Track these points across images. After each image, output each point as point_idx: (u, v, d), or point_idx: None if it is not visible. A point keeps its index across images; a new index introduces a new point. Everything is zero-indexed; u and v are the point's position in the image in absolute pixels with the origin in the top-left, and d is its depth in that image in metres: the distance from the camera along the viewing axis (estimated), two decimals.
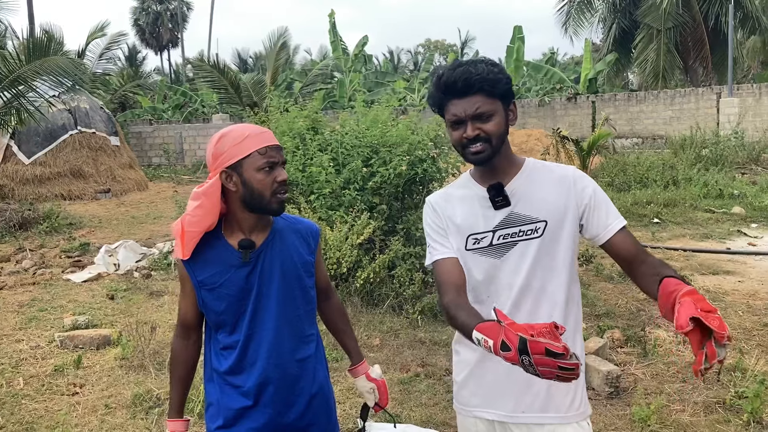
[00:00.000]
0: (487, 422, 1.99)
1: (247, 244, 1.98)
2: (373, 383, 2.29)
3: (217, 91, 19.86)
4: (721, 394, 4.13)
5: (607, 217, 1.89)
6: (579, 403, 1.92)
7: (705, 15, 25.28)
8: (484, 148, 1.86)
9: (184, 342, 2.12)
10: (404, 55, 59.11)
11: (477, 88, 1.83)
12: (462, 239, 1.96)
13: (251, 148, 1.92)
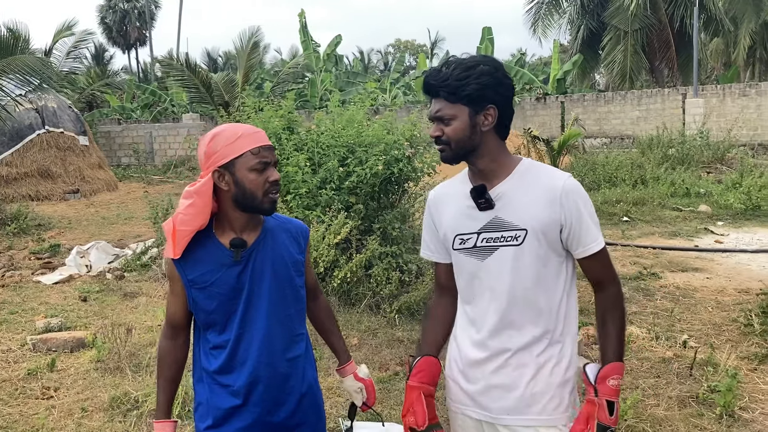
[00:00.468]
0: (475, 421, 2.02)
1: (238, 243, 1.99)
2: (361, 383, 2.31)
3: (188, 90, 19.68)
4: (694, 389, 4.23)
5: (587, 237, 1.89)
6: (566, 406, 1.94)
7: (671, 17, 25.76)
8: (444, 149, 1.93)
9: (172, 342, 2.11)
10: (374, 56, 59.21)
11: (435, 92, 1.89)
12: (450, 238, 2.01)
13: (244, 147, 1.93)
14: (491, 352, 1.95)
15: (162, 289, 7.04)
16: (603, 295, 1.97)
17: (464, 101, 1.87)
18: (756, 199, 11.22)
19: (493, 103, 1.88)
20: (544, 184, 1.89)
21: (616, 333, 1.94)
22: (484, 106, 1.88)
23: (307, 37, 30.69)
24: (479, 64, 1.88)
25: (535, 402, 1.92)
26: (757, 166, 13.68)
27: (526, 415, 1.92)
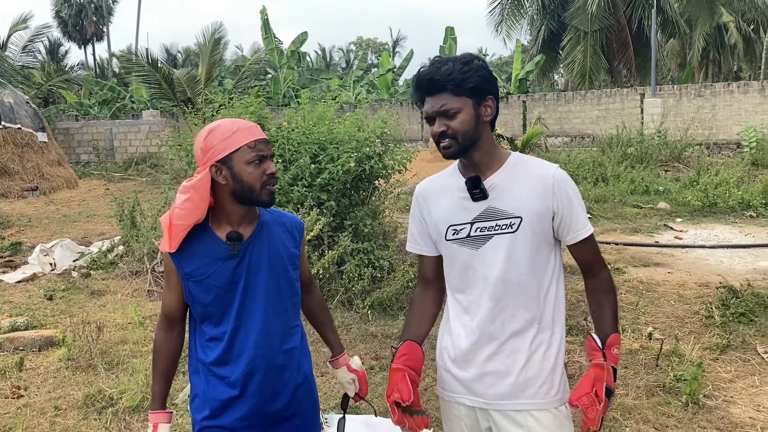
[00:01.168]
0: (468, 408, 2.08)
1: (235, 237, 2.01)
2: (354, 374, 2.35)
3: (150, 86, 19.38)
4: (661, 379, 4.38)
5: (577, 224, 1.98)
6: (557, 390, 2.01)
7: (629, 18, 26.31)
8: (450, 144, 1.96)
9: (168, 334, 2.13)
10: (336, 53, 59.14)
11: (441, 86, 1.94)
12: (443, 229, 2.06)
13: (241, 141, 1.96)
14: (485, 339, 2.01)
15: (130, 287, 6.97)
16: (595, 280, 2.06)
17: (468, 93, 1.93)
18: (713, 196, 11.55)
19: (491, 95, 1.98)
20: (535, 174, 1.98)
21: (612, 310, 2.03)
22: (485, 98, 1.96)
23: (270, 34, 30.52)
24: (473, 59, 1.96)
25: (529, 387, 1.99)
26: (713, 164, 14.07)
27: (519, 399, 1.99)
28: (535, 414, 1.99)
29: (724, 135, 21.09)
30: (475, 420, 2.08)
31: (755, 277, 6.93)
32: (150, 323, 5.70)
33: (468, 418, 2.09)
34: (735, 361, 4.72)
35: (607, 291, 2.05)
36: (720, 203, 11.45)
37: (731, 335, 5.11)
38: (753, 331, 5.20)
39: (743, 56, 38.40)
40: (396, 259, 6.34)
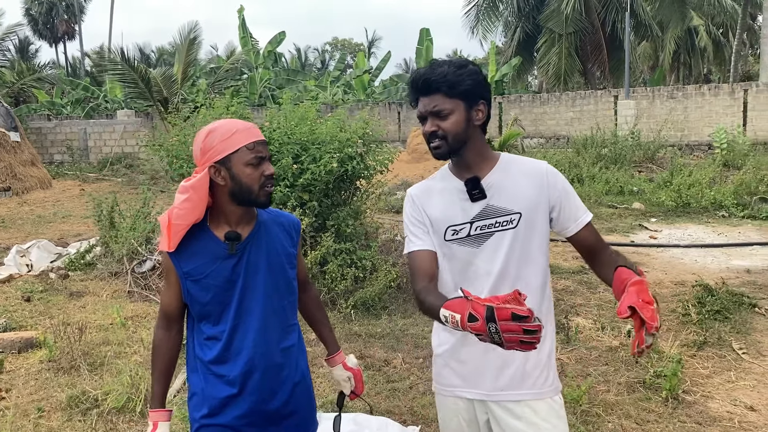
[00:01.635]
0: (467, 401, 2.12)
1: (233, 236, 2.03)
2: (350, 372, 2.38)
3: (126, 85, 19.15)
4: (641, 375, 4.47)
5: (577, 211, 2.06)
6: (552, 380, 2.08)
7: (603, 21, 26.66)
8: (441, 144, 2.01)
9: (166, 333, 2.15)
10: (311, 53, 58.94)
11: (435, 87, 1.99)
12: (441, 230, 2.10)
13: (240, 143, 1.98)
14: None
15: (109, 287, 6.91)
16: (606, 253, 2.06)
17: (461, 96, 1.98)
18: (686, 196, 11.77)
19: (483, 99, 2.02)
20: (528, 171, 2.05)
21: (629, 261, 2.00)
22: (477, 102, 2.01)
23: (246, 33, 30.39)
24: (468, 64, 2.01)
25: (527, 377, 2.05)
26: (686, 165, 14.32)
27: (518, 390, 2.05)
28: (532, 404, 2.04)
29: (696, 136, 21.46)
30: (473, 413, 2.12)
31: (729, 275, 7.09)
32: (132, 324, 5.67)
33: (466, 411, 2.13)
34: (712, 358, 4.83)
35: (618, 255, 2.05)
36: (693, 203, 11.66)
37: (708, 332, 5.22)
38: (728, 328, 5.33)
39: (713, 59, 39.14)
40: (378, 260, 6.37)
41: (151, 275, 6.96)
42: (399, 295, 6.31)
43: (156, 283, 6.75)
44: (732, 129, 18.19)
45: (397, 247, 7.35)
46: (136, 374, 4.27)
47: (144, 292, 6.67)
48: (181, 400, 4.20)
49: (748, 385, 4.43)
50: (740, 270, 7.47)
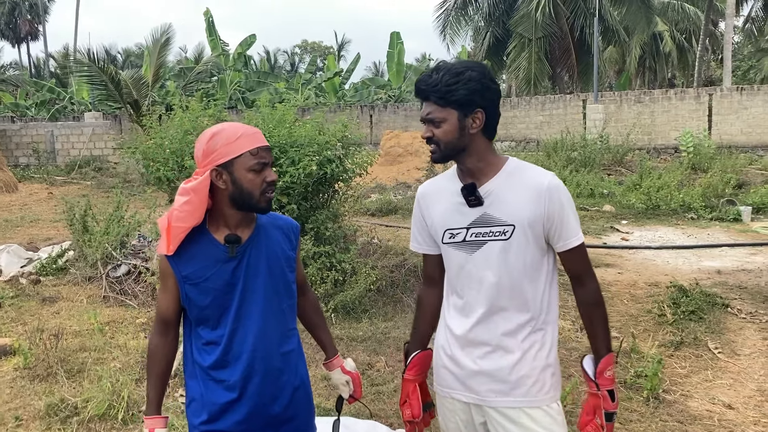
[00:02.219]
0: (463, 404, 2.15)
1: (233, 239, 2.02)
2: (348, 376, 2.37)
3: (96, 87, 18.82)
4: (621, 375, 4.53)
5: (568, 233, 2.03)
6: (548, 388, 2.08)
7: (571, 26, 27.02)
8: (434, 149, 2.06)
9: (163, 339, 2.12)
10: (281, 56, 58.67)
11: (426, 95, 2.02)
12: (440, 233, 2.12)
13: (243, 148, 1.96)
14: (480, 338, 2.08)
15: (84, 292, 6.79)
16: (583, 290, 2.11)
17: (453, 105, 1.99)
18: (655, 199, 11.97)
19: (480, 107, 2.00)
20: (529, 183, 2.02)
21: (603, 327, 2.10)
22: (473, 110, 2.00)
23: (216, 35, 30.15)
24: (467, 70, 1.99)
25: (521, 385, 2.05)
26: (655, 168, 14.57)
27: (512, 397, 2.06)
28: (527, 411, 2.05)
29: (663, 140, 21.86)
30: (469, 415, 2.15)
31: (700, 276, 7.23)
32: (110, 330, 5.58)
33: (463, 413, 2.16)
34: (689, 357, 4.92)
35: (596, 304, 2.10)
36: (662, 206, 11.87)
37: (683, 332, 5.32)
38: (703, 328, 5.43)
39: (677, 64, 39.95)
40: (358, 262, 6.36)
41: (126, 280, 6.85)
42: (379, 298, 6.30)
43: (132, 288, 6.65)
44: (698, 133, 18.56)
45: (376, 251, 7.36)
46: (117, 381, 4.20)
47: (120, 297, 6.56)
48: (164, 407, 4.13)
49: (725, 383, 4.52)
50: (711, 271, 7.62)
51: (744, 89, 21.74)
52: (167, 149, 6.48)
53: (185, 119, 6.69)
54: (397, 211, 12.08)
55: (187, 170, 6.36)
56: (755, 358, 4.96)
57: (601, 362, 2.06)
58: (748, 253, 8.71)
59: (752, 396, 4.32)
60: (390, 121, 25.23)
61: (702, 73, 33.35)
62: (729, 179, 12.87)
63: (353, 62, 32.82)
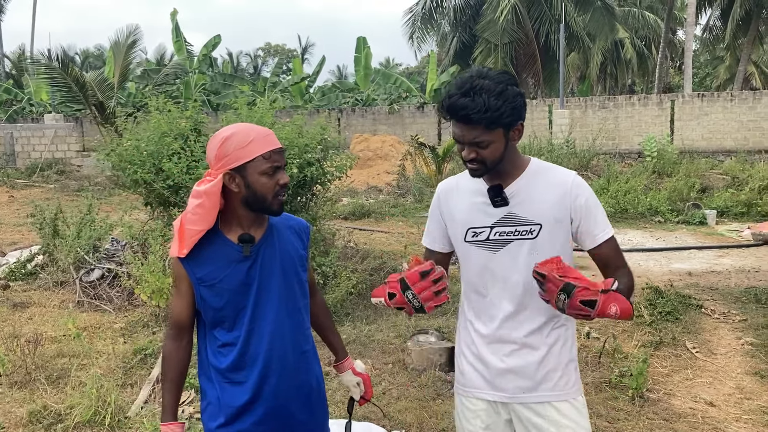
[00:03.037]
0: (488, 403, 2.15)
1: (247, 239, 2.01)
2: (359, 377, 2.37)
3: (59, 89, 18.40)
4: (606, 375, 4.61)
5: (596, 228, 2.05)
6: (573, 382, 2.13)
7: (537, 32, 27.37)
8: (479, 167, 2.02)
9: (177, 343, 2.08)
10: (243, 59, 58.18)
11: (468, 120, 1.94)
12: (462, 231, 2.12)
13: (256, 152, 1.94)
14: (505, 337, 2.10)
15: (56, 298, 6.64)
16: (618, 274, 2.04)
17: (502, 126, 1.96)
18: (623, 203, 12.20)
19: (521, 119, 2.01)
20: (554, 182, 2.05)
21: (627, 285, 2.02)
22: (516, 124, 2.00)
23: (181, 37, 29.74)
24: (506, 87, 1.94)
25: (548, 379, 2.08)
26: (622, 173, 14.84)
27: (540, 392, 2.09)
28: (555, 405, 2.09)
29: (627, 145, 22.29)
30: (493, 414, 2.15)
31: (672, 278, 7.38)
32: (87, 335, 5.46)
33: (486, 413, 2.16)
34: (669, 357, 5.02)
35: (629, 276, 2.06)
36: (630, 209, 12.10)
37: (662, 333, 5.43)
38: (680, 329, 5.55)
39: (637, 71, 40.77)
40: (338, 266, 6.35)
41: (100, 284, 6.72)
42: (360, 302, 6.30)
43: (107, 293, 6.53)
44: (661, 138, 18.96)
45: (354, 254, 7.36)
46: (101, 387, 4.11)
47: (94, 301, 6.43)
48: (150, 412, 4.08)
49: (705, 381, 4.63)
50: (682, 273, 7.80)
51: (704, 96, 22.31)
52: (144, 151, 6.37)
53: (162, 121, 6.59)
54: (370, 214, 12.09)
55: (164, 173, 6.27)
56: (731, 356, 5.09)
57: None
58: (716, 255, 8.93)
59: (732, 393, 4.43)
60: (358, 124, 25.22)
61: (661, 79, 34.11)
62: (693, 183, 13.18)
63: (319, 65, 32.72)
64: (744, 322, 5.80)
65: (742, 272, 7.81)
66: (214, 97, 28.67)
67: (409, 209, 13.02)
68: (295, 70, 32.81)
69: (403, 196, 14.76)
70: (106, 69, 25.80)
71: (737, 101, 21.74)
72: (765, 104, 21.50)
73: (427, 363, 4.78)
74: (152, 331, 5.54)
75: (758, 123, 21.47)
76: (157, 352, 4.96)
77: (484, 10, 27.83)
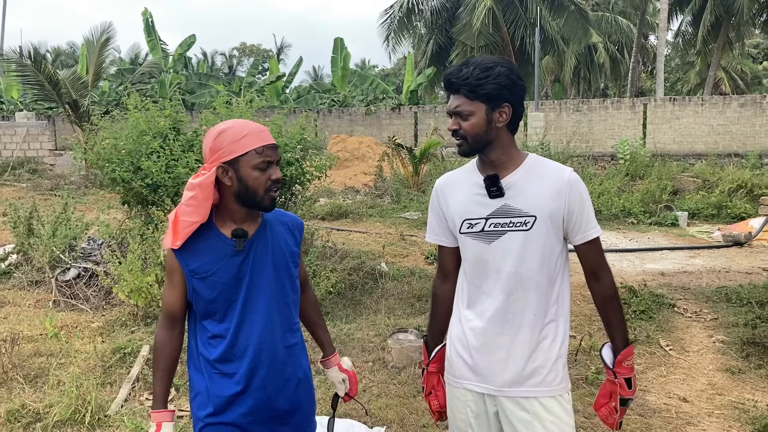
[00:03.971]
0: (476, 394, 2.19)
1: (240, 234, 2.04)
2: (345, 374, 2.40)
3: (31, 86, 18.09)
4: (582, 372, 4.69)
5: (587, 225, 2.11)
6: (561, 379, 2.15)
7: (512, 36, 27.62)
8: (461, 143, 2.10)
9: (169, 333, 2.11)
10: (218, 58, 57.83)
11: (456, 88, 2.07)
12: (458, 222, 2.17)
13: (249, 146, 1.98)
14: (495, 329, 2.13)
15: (31, 297, 6.57)
16: (600, 284, 2.19)
17: (482, 99, 2.04)
18: (597, 204, 12.37)
19: (507, 102, 2.07)
20: (551, 176, 2.10)
21: (619, 320, 2.20)
22: (500, 104, 2.06)
23: (155, 36, 29.49)
24: (497, 65, 2.05)
25: (536, 374, 2.11)
26: (596, 175, 15.04)
27: (527, 387, 2.12)
28: (542, 401, 2.12)
29: (600, 148, 22.58)
30: (482, 405, 2.19)
31: (645, 278, 7.52)
32: (64, 334, 5.41)
33: (474, 404, 2.20)
34: (643, 354, 5.13)
35: (612, 297, 2.19)
36: (604, 211, 12.28)
37: (636, 331, 5.54)
38: (654, 327, 5.67)
39: (610, 75, 41.35)
40: (317, 266, 6.37)
41: (77, 283, 6.66)
42: (339, 301, 6.33)
43: (84, 292, 6.47)
44: (633, 141, 19.26)
45: (333, 254, 7.38)
46: (81, 385, 4.09)
47: (71, 301, 6.37)
48: (130, 411, 4.07)
49: (678, 378, 4.74)
50: (655, 273, 7.94)
51: (676, 100, 22.69)
52: (122, 150, 6.34)
53: (141, 120, 6.56)
54: (348, 215, 12.11)
55: (143, 171, 6.25)
56: (703, 354, 5.21)
57: (621, 354, 2.16)
58: (688, 256, 9.11)
59: (704, 390, 4.54)
60: (335, 125, 25.21)
61: (634, 83, 34.62)
62: (665, 186, 13.42)
63: (296, 66, 32.63)
64: (715, 321, 5.94)
65: (713, 272, 7.98)
66: (189, 97, 28.49)
67: (387, 210, 13.08)
68: (272, 70, 32.69)
69: (380, 197, 14.81)
70: (79, 67, 25.48)
71: (708, 106, 22.16)
72: (734, 109, 21.95)
73: (407, 361, 4.82)
74: (131, 330, 5.51)
75: (728, 127, 21.91)
76: (136, 350, 4.95)
77: (460, 13, 28.00)
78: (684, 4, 31.36)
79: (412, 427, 3.95)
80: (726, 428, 3.96)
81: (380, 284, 6.79)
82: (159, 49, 29.06)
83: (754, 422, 3.95)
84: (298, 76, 33.03)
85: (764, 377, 4.68)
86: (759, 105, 21.83)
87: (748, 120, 21.81)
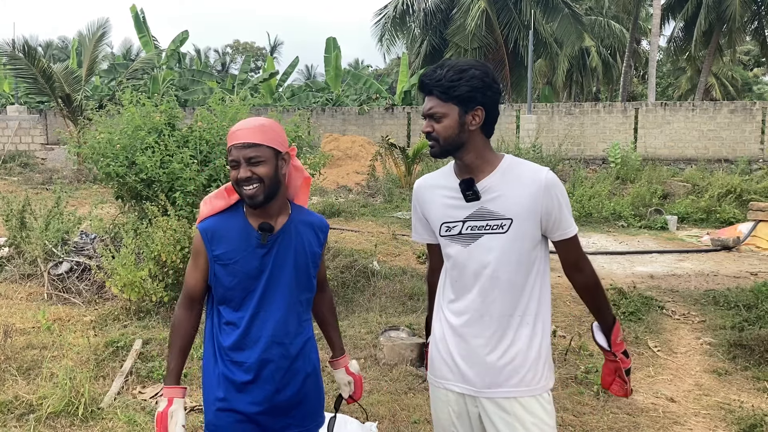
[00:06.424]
0: (457, 395, 2.20)
1: (267, 228, 2.10)
2: (351, 377, 2.44)
3: (25, 80, 18.00)
4: (572, 371, 4.75)
5: (565, 224, 2.13)
6: (540, 377, 2.15)
7: (506, 38, 27.71)
8: (434, 144, 2.13)
9: (188, 313, 2.18)
10: (212, 55, 57.74)
11: (429, 90, 2.10)
12: (437, 226, 2.21)
13: (229, 145, 2.09)
14: (474, 330, 2.14)
15: (23, 290, 6.57)
16: (582, 274, 2.22)
17: (455, 101, 2.06)
18: (588, 207, 12.46)
19: (481, 105, 2.08)
20: (527, 178, 2.10)
21: (605, 302, 2.26)
22: (473, 107, 2.07)
23: (147, 32, 29.40)
24: (471, 68, 2.07)
25: (515, 375, 2.12)
26: (588, 178, 15.13)
27: (506, 388, 2.13)
28: (521, 401, 2.12)
29: (591, 151, 22.72)
30: (463, 406, 2.20)
31: (635, 280, 7.59)
32: (57, 328, 5.42)
33: (456, 404, 2.21)
34: (631, 355, 5.11)
35: (595, 285, 2.24)
36: (594, 214, 12.37)
37: (625, 332, 5.60)
38: (643, 329, 5.74)
39: (602, 79, 41.57)
40: None
41: (69, 277, 6.66)
42: None
43: (76, 286, 6.47)
44: (625, 145, 19.38)
45: (325, 252, 7.39)
46: (74, 378, 4.11)
47: (63, 294, 6.38)
48: (123, 403, 4.09)
49: (666, 379, 4.80)
50: (644, 275, 8.02)
51: (667, 105, 22.86)
52: (117, 144, 6.35)
53: (136, 115, 6.57)
54: (340, 213, 12.14)
55: (137, 166, 6.26)
56: (691, 355, 5.28)
57: (612, 333, 2.24)
58: (677, 259, 9.20)
59: (691, 390, 4.61)
60: (328, 124, 25.23)
61: (626, 88, 34.81)
62: (655, 190, 13.51)
63: (291, 65, 32.60)
64: (703, 323, 6.01)
65: (701, 276, 8.06)
66: (182, 93, 28.42)
67: (379, 209, 13.11)
68: (268, 67, 32.64)
69: (372, 196, 14.85)
70: (70, 61, 25.39)
71: (698, 111, 22.34)
72: (724, 115, 22.14)
73: (399, 358, 4.87)
74: (123, 325, 5.52)
75: (718, 133, 22.09)
76: (129, 344, 4.97)
77: (454, 14, 28.08)
78: (677, 10, 31.55)
79: (403, 423, 4.00)
80: (712, 428, 4.03)
81: (372, 282, 6.83)
82: (152, 45, 28.98)
83: (739, 422, 4.02)
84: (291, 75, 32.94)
85: (750, 379, 4.75)
86: (749, 111, 22.04)
87: (738, 126, 22.01)
